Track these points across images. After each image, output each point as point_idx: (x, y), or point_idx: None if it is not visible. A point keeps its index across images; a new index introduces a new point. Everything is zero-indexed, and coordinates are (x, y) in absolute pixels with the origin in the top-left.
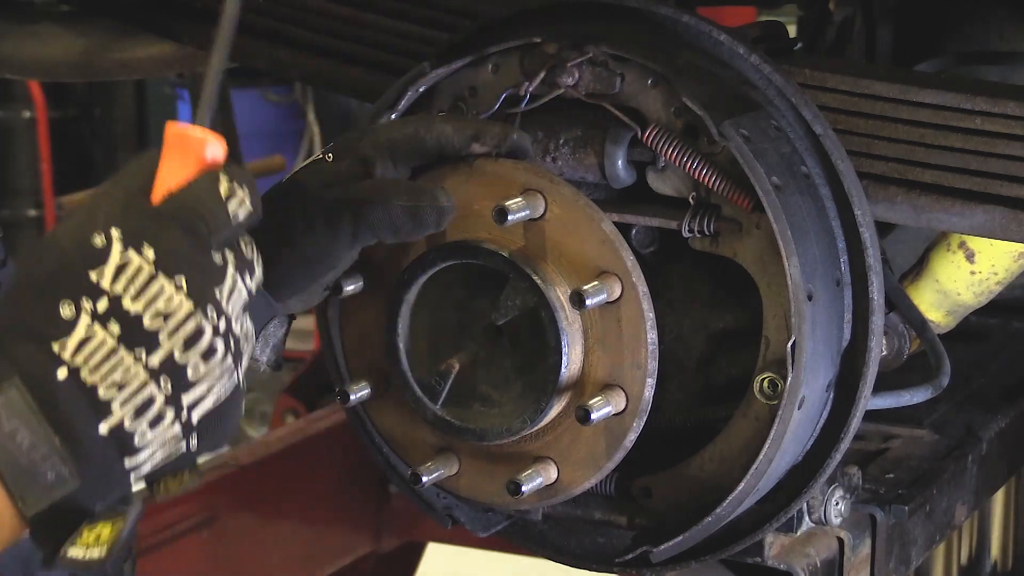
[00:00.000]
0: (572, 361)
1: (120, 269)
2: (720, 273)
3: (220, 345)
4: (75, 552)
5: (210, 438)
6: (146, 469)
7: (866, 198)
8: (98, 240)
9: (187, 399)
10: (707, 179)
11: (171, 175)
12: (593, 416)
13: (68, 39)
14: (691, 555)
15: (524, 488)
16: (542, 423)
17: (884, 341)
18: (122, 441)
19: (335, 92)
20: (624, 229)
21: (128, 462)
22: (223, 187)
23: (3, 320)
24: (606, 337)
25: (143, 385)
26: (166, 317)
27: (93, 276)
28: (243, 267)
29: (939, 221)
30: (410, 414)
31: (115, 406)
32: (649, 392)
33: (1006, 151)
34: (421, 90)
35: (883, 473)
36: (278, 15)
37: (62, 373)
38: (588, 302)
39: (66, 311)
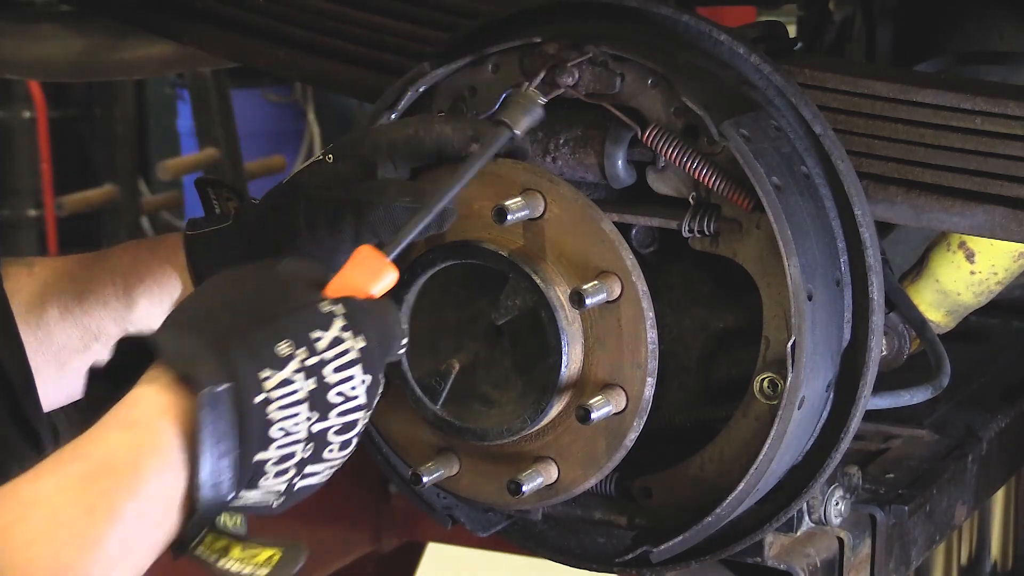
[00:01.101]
0: (572, 361)
1: (335, 341)
2: (720, 273)
3: (354, 444)
4: (201, 551)
5: (284, 506)
6: (239, 503)
7: (866, 198)
8: (326, 307)
9: (309, 470)
10: (707, 179)
11: (350, 286)
12: (593, 416)
13: (68, 39)
14: (691, 555)
15: (524, 488)
16: (542, 423)
17: (884, 341)
18: (255, 476)
19: (335, 92)
20: (624, 229)
21: (244, 492)
22: (402, 323)
23: (226, 325)
24: (606, 337)
25: (297, 442)
26: (345, 400)
27: (315, 335)
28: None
29: (939, 221)
30: (410, 414)
31: (272, 447)
32: (649, 392)
33: (1006, 151)
34: (421, 90)
35: (883, 473)
36: (278, 15)
37: (259, 398)
38: (588, 301)
39: (284, 349)
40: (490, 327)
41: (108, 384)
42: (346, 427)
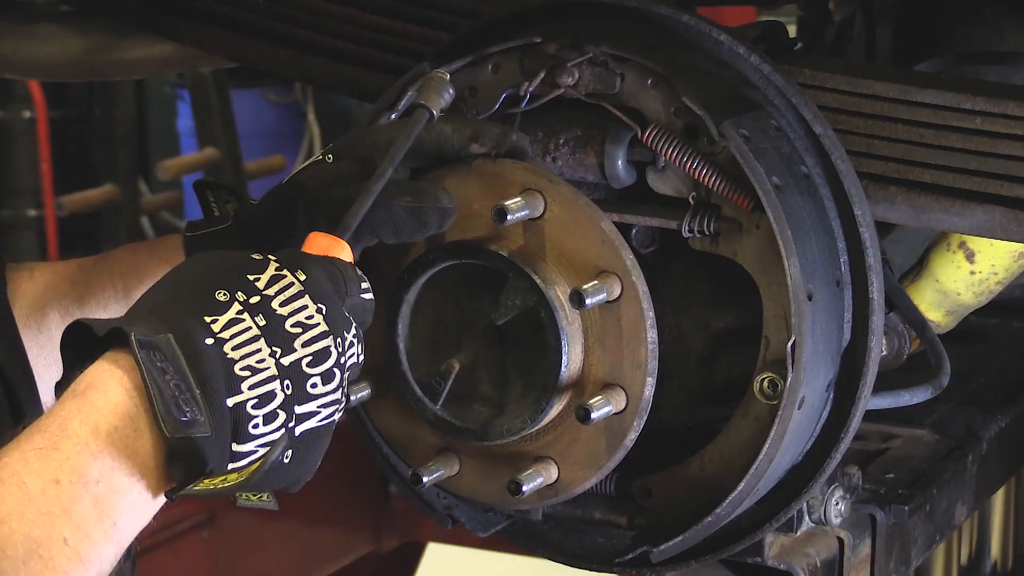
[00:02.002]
0: (572, 361)
1: (275, 279)
2: (720, 273)
3: (338, 376)
4: (203, 487)
5: (300, 463)
6: (243, 463)
7: (866, 198)
8: (257, 256)
9: (299, 409)
10: (707, 179)
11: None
12: (593, 415)
13: (68, 39)
14: (691, 555)
15: (525, 488)
16: (542, 423)
17: (884, 341)
18: (240, 423)
19: (335, 92)
20: (624, 229)
21: (235, 447)
22: (359, 272)
23: (164, 299)
24: (606, 336)
25: (271, 378)
26: (304, 328)
27: (251, 277)
28: (359, 341)
29: (939, 221)
30: (410, 414)
31: (244, 386)
32: (649, 391)
33: (1006, 151)
34: None
35: (883, 473)
36: (278, 15)
37: (209, 340)
38: (588, 301)
39: (221, 296)
40: (490, 327)
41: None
42: (318, 357)
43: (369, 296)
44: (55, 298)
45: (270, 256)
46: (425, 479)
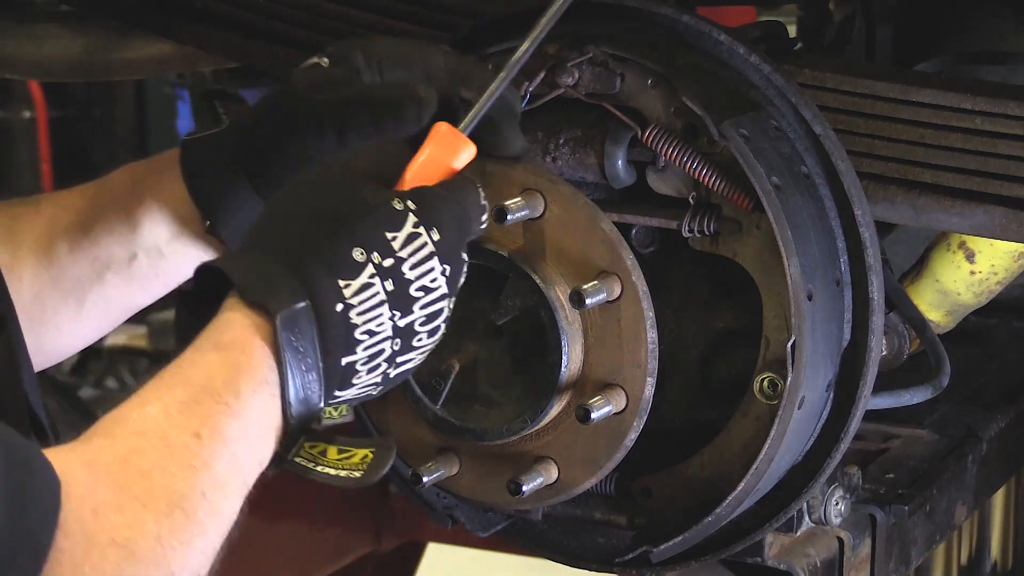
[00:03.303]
0: (572, 360)
1: (411, 238)
2: (720, 273)
3: (442, 328)
4: (300, 460)
5: (387, 390)
6: (338, 402)
7: (866, 198)
8: (398, 205)
9: (401, 360)
10: (707, 179)
11: (430, 165)
12: (593, 415)
13: (68, 39)
14: (691, 555)
15: (524, 488)
16: (542, 423)
17: (884, 341)
18: (347, 376)
19: None
20: (624, 229)
21: (337, 392)
22: (483, 197)
23: (300, 242)
24: (606, 336)
25: (385, 339)
26: (427, 292)
27: (389, 235)
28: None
29: (939, 221)
30: (410, 414)
31: (359, 349)
32: (649, 391)
33: (1006, 151)
34: None
35: (883, 473)
36: (278, 15)
37: (339, 306)
38: (588, 301)
39: (358, 256)
40: (490, 327)
41: (193, 309)
42: (431, 317)
43: (486, 217)
44: (61, 229)
45: (409, 206)
46: (425, 479)
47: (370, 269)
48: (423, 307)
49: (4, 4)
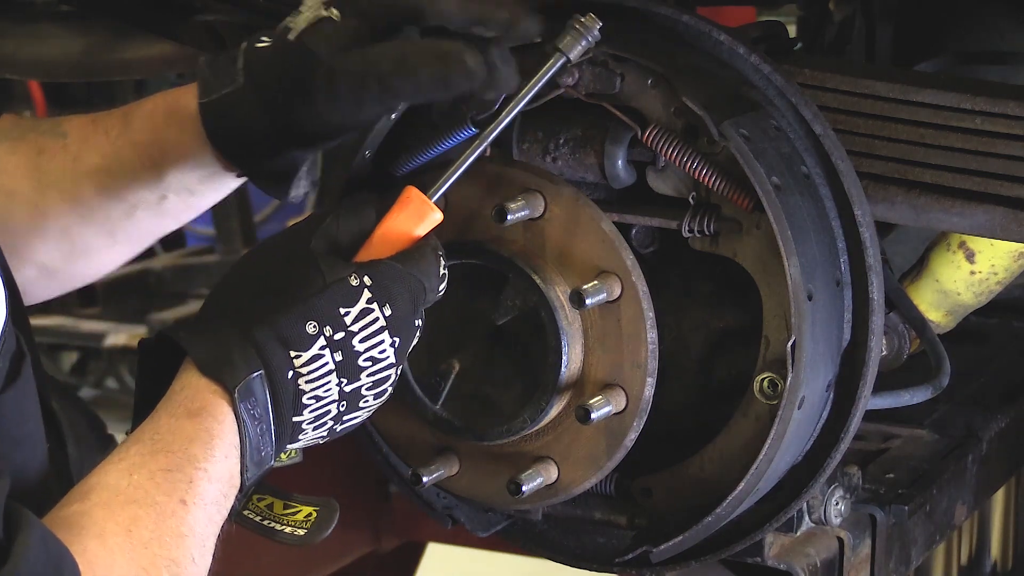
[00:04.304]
0: (572, 361)
1: (363, 314)
2: (720, 273)
3: (390, 391)
4: (248, 514)
5: (331, 439)
6: (286, 452)
7: (866, 198)
8: (354, 281)
9: (347, 418)
10: (707, 179)
11: (394, 232)
12: (593, 415)
13: (68, 39)
14: (691, 555)
15: (524, 488)
16: (542, 423)
17: (884, 341)
18: (295, 432)
19: None
20: (624, 229)
21: (288, 445)
22: (443, 266)
23: (257, 314)
24: (606, 337)
25: (331, 402)
26: (375, 362)
27: (342, 311)
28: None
29: (939, 221)
30: (410, 414)
31: (307, 412)
32: (649, 391)
33: (1006, 151)
34: None
35: (883, 473)
36: (278, 15)
37: (290, 374)
38: (588, 301)
39: (311, 329)
40: (490, 327)
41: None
42: (378, 383)
43: (443, 286)
44: (88, 171)
45: (365, 281)
46: (425, 479)
47: (321, 341)
48: (370, 375)
49: (4, 4)
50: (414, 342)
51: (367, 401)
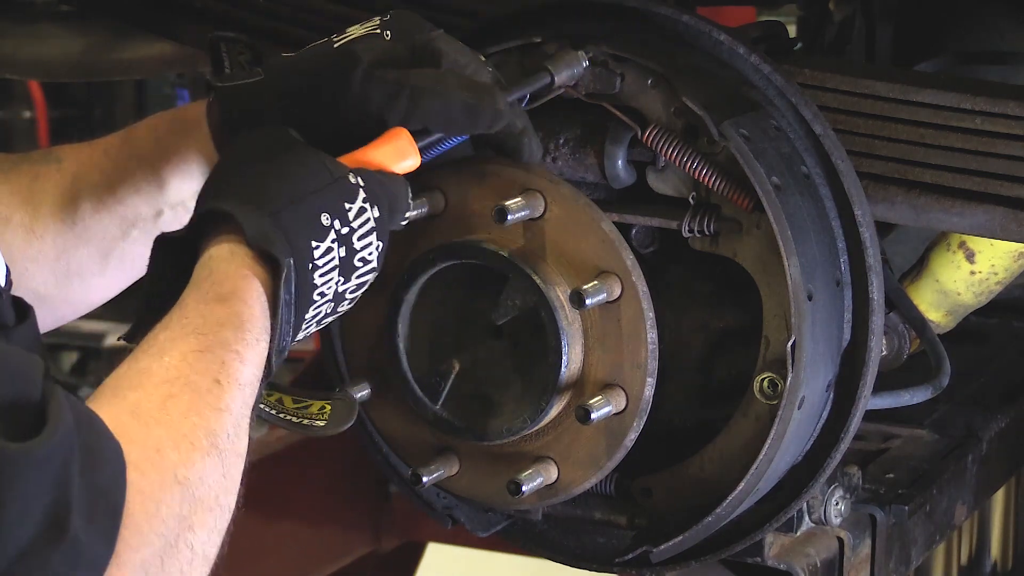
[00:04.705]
0: (572, 361)
1: (360, 212)
2: (720, 273)
3: (357, 301)
4: (264, 407)
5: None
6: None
7: (866, 198)
8: (352, 179)
9: (323, 322)
10: (707, 179)
11: (374, 158)
12: (593, 416)
13: (68, 39)
14: (691, 555)
15: (524, 488)
16: (542, 423)
17: (884, 341)
18: (296, 332)
19: None
20: (624, 229)
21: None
22: (410, 198)
23: (278, 200)
24: (606, 337)
25: (326, 302)
26: (364, 263)
27: (346, 206)
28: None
29: (939, 221)
30: (410, 414)
31: (311, 309)
32: (649, 392)
33: (1006, 151)
34: None
35: (883, 473)
36: (278, 15)
37: (309, 266)
38: (588, 302)
39: (324, 220)
40: (490, 327)
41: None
42: (359, 287)
43: (405, 223)
44: (85, 187)
45: (360, 182)
46: (425, 479)
47: (332, 235)
48: (358, 276)
49: (4, 4)
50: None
51: (342, 306)
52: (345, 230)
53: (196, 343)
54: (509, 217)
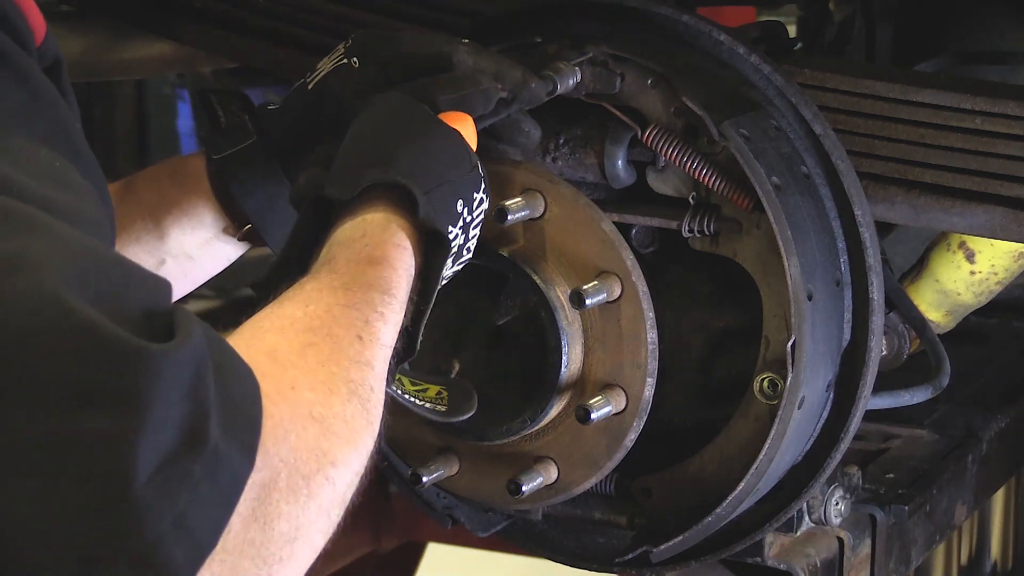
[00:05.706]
0: (572, 361)
1: (480, 203)
2: (720, 273)
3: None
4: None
5: None
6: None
7: (866, 198)
8: (480, 169)
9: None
10: (707, 179)
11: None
12: (593, 416)
13: (68, 39)
14: (691, 555)
15: (524, 488)
16: (542, 423)
17: (884, 341)
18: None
19: None
20: (624, 229)
21: None
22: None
23: (431, 174)
24: (606, 337)
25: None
26: (468, 254)
27: (475, 196)
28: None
29: (939, 221)
30: (410, 414)
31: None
32: (649, 392)
33: (1006, 151)
34: None
35: (883, 473)
36: (278, 15)
37: (447, 251)
38: (588, 302)
39: (459, 207)
40: (490, 327)
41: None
42: (453, 276)
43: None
44: None
45: (482, 173)
46: (425, 479)
47: (461, 222)
48: (459, 264)
49: None
50: None
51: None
52: (468, 219)
53: (344, 298)
54: (509, 217)
